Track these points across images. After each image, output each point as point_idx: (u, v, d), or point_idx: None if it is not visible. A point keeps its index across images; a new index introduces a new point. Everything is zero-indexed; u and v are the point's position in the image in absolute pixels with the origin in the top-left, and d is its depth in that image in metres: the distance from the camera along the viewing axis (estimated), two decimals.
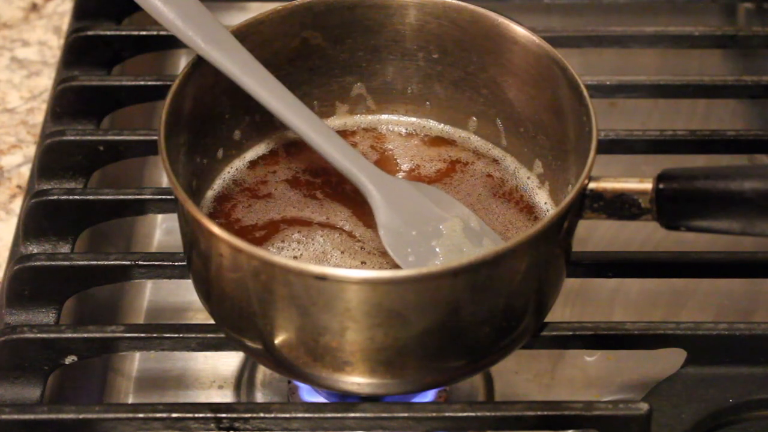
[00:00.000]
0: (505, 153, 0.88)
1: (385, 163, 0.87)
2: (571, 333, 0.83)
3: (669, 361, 0.85)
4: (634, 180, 0.76)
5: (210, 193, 0.85)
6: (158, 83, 0.99)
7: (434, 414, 0.78)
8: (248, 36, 0.82)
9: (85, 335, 0.82)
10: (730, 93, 1.03)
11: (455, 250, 0.78)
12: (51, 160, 0.94)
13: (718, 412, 0.82)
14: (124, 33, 1.04)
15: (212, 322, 0.81)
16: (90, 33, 1.03)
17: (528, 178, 0.86)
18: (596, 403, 0.78)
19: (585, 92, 0.79)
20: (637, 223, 0.78)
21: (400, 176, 0.86)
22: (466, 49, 0.86)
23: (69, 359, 0.83)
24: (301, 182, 0.86)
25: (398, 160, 0.88)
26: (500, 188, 0.86)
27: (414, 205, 0.80)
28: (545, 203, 0.85)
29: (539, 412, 0.77)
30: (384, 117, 0.91)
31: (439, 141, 0.89)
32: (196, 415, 0.77)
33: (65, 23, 1.09)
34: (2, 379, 0.83)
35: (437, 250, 0.78)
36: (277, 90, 0.80)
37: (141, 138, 0.94)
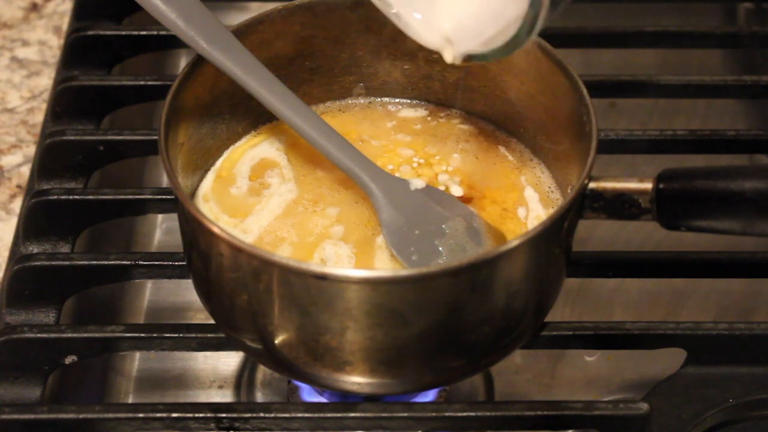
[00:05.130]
0: (506, 152, 0.88)
1: None
2: (571, 333, 0.83)
3: (669, 361, 0.85)
4: (634, 180, 0.76)
5: None
6: (158, 83, 0.99)
7: (434, 414, 0.78)
8: (248, 36, 0.82)
9: (85, 335, 0.82)
10: (730, 93, 1.03)
11: (458, 249, 0.78)
12: (51, 160, 0.94)
13: (718, 412, 0.82)
14: (124, 33, 1.04)
15: (212, 322, 0.81)
16: (90, 33, 1.03)
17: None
18: (596, 403, 0.78)
19: (585, 92, 0.79)
20: (637, 223, 0.78)
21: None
22: None
23: (69, 359, 0.83)
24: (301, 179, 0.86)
25: None
26: None
27: (416, 204, 0.80)
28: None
29: (539, 412, 0.77)
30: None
31: None
32: (196, 415, 0.77)
33: (65, 23, 1.09)
34: (2, 379, 0.83)
35: (440, 249, 0.78)
36: (279, 90, 0.80)
37: (141, 138, 0.94)
